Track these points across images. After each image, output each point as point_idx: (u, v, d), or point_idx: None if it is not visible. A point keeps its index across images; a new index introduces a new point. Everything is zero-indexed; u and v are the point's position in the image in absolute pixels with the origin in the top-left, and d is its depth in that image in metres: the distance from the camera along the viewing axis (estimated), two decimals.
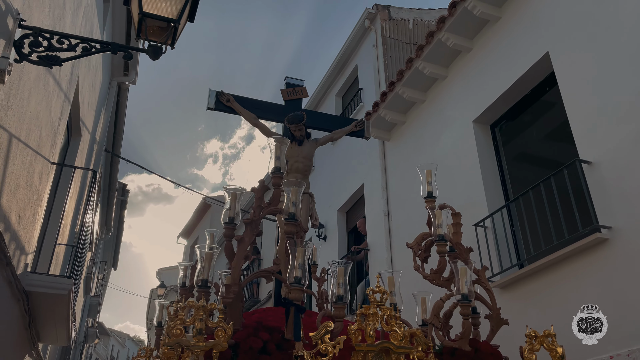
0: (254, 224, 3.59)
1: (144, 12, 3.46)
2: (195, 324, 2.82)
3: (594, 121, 4.86)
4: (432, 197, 4.03)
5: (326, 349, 2.80)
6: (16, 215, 3.85)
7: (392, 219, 8.28)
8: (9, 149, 3.38)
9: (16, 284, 4.02)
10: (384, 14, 10.15)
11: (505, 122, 6.57)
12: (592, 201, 4.67)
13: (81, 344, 14.91)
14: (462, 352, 3.48)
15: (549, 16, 5.65)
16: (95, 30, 6.81)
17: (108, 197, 13.91)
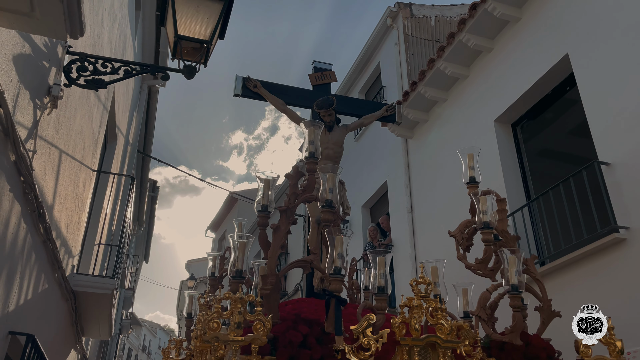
0: (290, 212, 3.41)
1: (179, 35, 3.72)
2: (232, 317, 2.67)
3: (613, 123, 4.95)
4: (475, 182, 3.79)
5: (369, 343, 2.65)
6: (65, 222, 4.19)
7: (415, 216, 8.45)
8: (59, 164, 3.70)
9: (65, 285, 4.38)
10: (406, 11, 10.24)
11: (526, 121, 6.67)
12: (611, 202, 4.79)
13: (117, 335, 15.54)
14: (512, 346, 3.28)
15: (569, 18, 5.73)
16: (128, 40, 7.14)
17: (140, 194, 14.41)
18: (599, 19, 5.33)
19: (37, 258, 3.37)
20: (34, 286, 3.40)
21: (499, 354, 3.23)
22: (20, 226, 2.88)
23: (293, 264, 3.49)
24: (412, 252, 8.26)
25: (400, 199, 8.98)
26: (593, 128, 5.17)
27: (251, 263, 3.71)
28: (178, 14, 3.75)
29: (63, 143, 3.75)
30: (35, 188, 2.94)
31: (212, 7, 3.83)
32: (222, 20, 3.90)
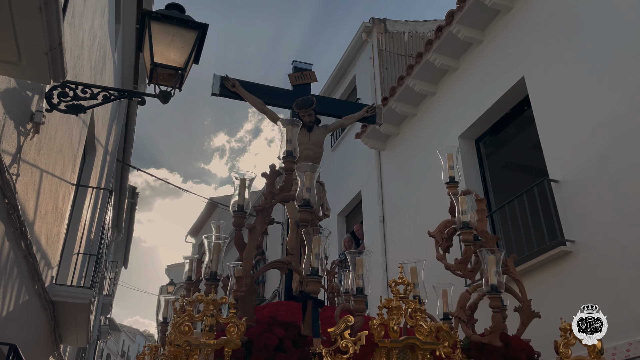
0: (266, 212, 3.33)
1: (155, 62, 3.98)
2: (204, 320, 2.60)
3: (562, 143, 5.34)
4: (455, 182, 3.76)
5: (346, 346, 2.60)
6: (45, 236, 4.41)
7: (386, 225, 8.79)
8: (40, 183, 3.93)
9: (45, 295, 4.59)
10: (380, 27, 10.61)
11: (489, 137, 7.05)
12: (559, 216, 5.16)
13: (95, 341, 15.58)
14: (492, 348, 3.24)
15: (526, 42, 6.12)
16: (107, 54, 7.35)
17: (119, 201, 14.52)
18: (553, 45, 5.72)
19: (18, 272, 3.60)
20: (15, 298, 3.62)
21: (478, 355, 3.19)
22: (3, 244, 3.11)
23: (270, 264, 3.42)
24: (383, 260, 8.60)
25: (373, 208, 9.32)
26: (545, 147, 5.55)
27: (227, 265, 3.57)
28: (154, 42, 4.02)
29: (44, 163, 3.98)
30: (18, 208, 3.18)
31: (186, 36, 4.10)
32: (196, 48, 4.18)
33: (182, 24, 4.07)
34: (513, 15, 6.39)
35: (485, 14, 6.57)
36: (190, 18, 4.13)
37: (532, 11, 6.09)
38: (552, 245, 5.08)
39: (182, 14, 4.20)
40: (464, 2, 6.56)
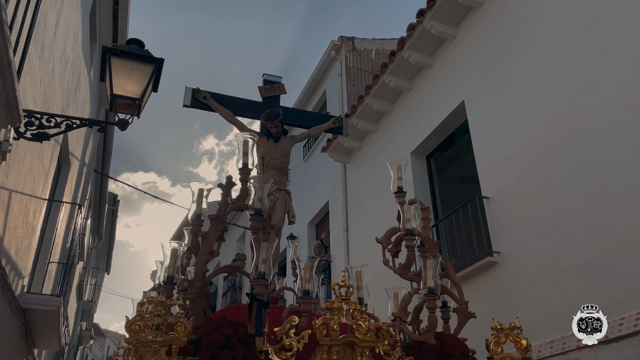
0: (220, 220, 3.54)
1: (114, 94, 4.45)
2: (152, 320, 2.81)
3: (492, 163, 5.88)
4: (402, 192, 4.04)
5: (290, 344, 2.79)
6: (15, 249, 4.84)
7: (350, 234, 9.28)
8: (9, 202, 4.36)
9: (15, 303, 5.01)
10: (349, 45, 11.14)
11: (438, 154, 7.58)
12: (488, 230, 5.69)
13: (75, 346, 15.87)
14: (429, 346, 3.49)
15: (466, 68, 6.65)
16: (82, 73, 7.78)
17: (99, 208, 14.88)
18: (489, 73, 6.26)
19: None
20: None
21: (417, 352, 3.45)
22: None
23: (221, 269, 3.66)
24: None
25: (338, 218, 9.81)
26: (478, 166, 6.09)
27: (187, 270, 3.78)
28: (114, 75, 4.49)
29: (12, 184, 4.41)
30: None
31: (144, 69, 4.57)
32: (153, 79, 4.65)
33: (140, 58, 4.53)
34: (457, 43, 6.93)
35: (432, 40, 7.11)
36: (148, 53, 4.60)
37: (474, 40, 6.63)
38: (481, 255, 5.60)
39: (142, 48, 4.67)
40: (413, 30, 7.09)
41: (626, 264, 4.10)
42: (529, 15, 5.71)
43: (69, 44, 6.44)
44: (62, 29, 5.82)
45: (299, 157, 12.55)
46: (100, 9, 8.55)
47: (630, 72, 4.38)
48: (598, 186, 4.47)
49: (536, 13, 5.60)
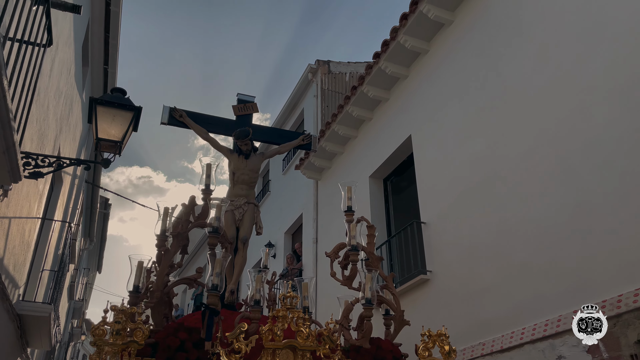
0: (180, 237, 3.90)
1: (99, 137, 5.29)
2: (113, 326, 3.16)
3: (430, 192, 6.76)
4: (351, 210, 4.35)
5: (240, 347, 3.09)
6: (12, 265, 5.68)
7: (319, 246, 10.15)
8: (9, 228, 5.20)
9: (12, 310, 5.86)
10: (324, 68, 12.00)
11: (394, 177, 8.45)
12: (423, 251, 6.57)
13: (66, 343, 16.70)
14: (366, 350, 3.79)
15: (414, 106, 7.53)
16: (75, 99, 8.60)
17: (91, 213, 15.69)
18: (430, 114, 7.12)
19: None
20: None
21: (355, 356, 3.73)
22: None
23: (180, 280, 4.03)
24: (315, 276, 9.94)
25: (309, 230, 10.67)
26: (419, 194, 6.97)
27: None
28: (99, 121, 5.32)
29: (12, 212, 5.25)
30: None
31: (125, 115, 5.40)
32: (132, 123, 5.48)
33: (121, 107, 5.35)
34: (407, 83, 7.81)
35: (387, 78, 7.97)
36: (129, 102, 5.43)
37: (420, 82, 7.50)
38: (416, 273, 6.49)
39: (124, 96, 5.51)
40: (371, 69, 7.96)
41: (517, 289, 4.99)
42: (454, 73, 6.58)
43: (63, 79, 7.26)
44: (57, 69, 6.64)
45: (278, 170, 13.41)
46: (92, 38, 9.37)
47: (531, 126, 5.27)
48: (502, 221, 5.36)
49: (459, 73, 6.49)
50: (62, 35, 6.61)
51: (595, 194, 4.44)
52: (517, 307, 4.97)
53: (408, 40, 7.26)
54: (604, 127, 4.49)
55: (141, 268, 3.89)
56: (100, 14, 9.11)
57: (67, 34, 7.05)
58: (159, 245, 3.93)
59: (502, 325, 5.04)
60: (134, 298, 3.77)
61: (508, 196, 5.36)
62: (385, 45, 7.59)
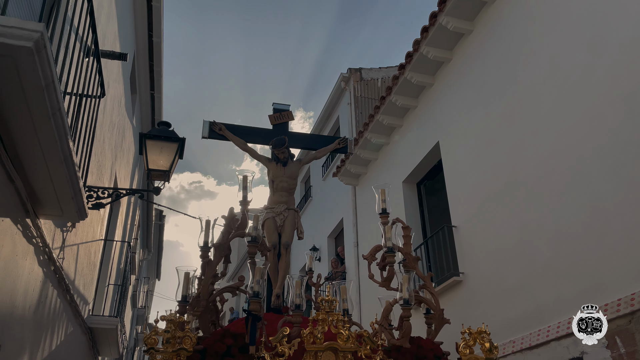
0: (222, 248, 4.08)
1: (150, 168, 5.92)
2: (163, 335, 3.36)
3: (458, 196, 7.04)
4: (386, 213, 4.40)
5: (283, 350, 3.23)
6: (82, 285, 6.41)
7: (359, 249, 10.56)
8: (78, 253, 5.91)
9: (84, 325, 6.60)
10: (356, 76, 12.38)
11: (427, 181, 8.76)
12: (456, 254, 6.87)
13: (132, 348, 17.85)
14: (407, 349, 3.86)
15: (441, 113, 7.81)
16: (126, 125, 9.36)
17: (147, 225, 16.72)
18: (457, 120, 7.40)
19: (65, 315, 5.58)
20: (65, 331, 5.60)
21: (397, 355, 3.82)
22: (57, 301, 5.08)
23: (224, 288, 4.19)
24: (357, 279, 10.37)
25: (350, 234, 11.10)
26: (449, 199, 7.27)
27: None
28: (149, 153, 5.95)
29: (79, 239, 5.95)
30: (63, 277, 5.14)
31: (171, 146, 6.00)
32: (178, 153, 6.08)
33: (167, 139, 5.97)
34: (433, 90, 8.10)
35: (413, 88, 8.29)
36: (174, 134, 6.03)
37: (447, 89, 7.78)
38: (449, 275, 6.80)
39: (168, 129, 6.12)
40: (397, 79, 8.30)
41: (541, 288, 5.25)
42: (476, 81, 6.83)
43: (115, 112, 8.00)
44: (109, 105, 7.36)
45: (319, 177, 13.90)
46: (138, 68, 10.15)
47: (547, 133, 5.51)
48: (525, 223, 5.62)
49: (480, 81, 6.74)
50: (112, 74, 7.32)
51: (608, 197, 4.66)
52: (542, 305, 5.24)
53: (430, 51, 7.56)
54: (613, 132, 4.70)
55: (188, 279, 4.10)
56: (144, 45, 9.87)
57: (117, 72, 7.77)
58: (203, 256, 4.08)
59: (530, 323, 5.32)
60: (182, 307, 3.99)
61: (529, 200, 5.62)
62: (409, 56, 7.92)
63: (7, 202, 3.35)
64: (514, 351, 5.58)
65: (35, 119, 2.93)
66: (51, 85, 2.75)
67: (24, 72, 2.60)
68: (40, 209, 3.96)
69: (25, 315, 4.04)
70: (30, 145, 3.16)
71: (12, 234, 3.52)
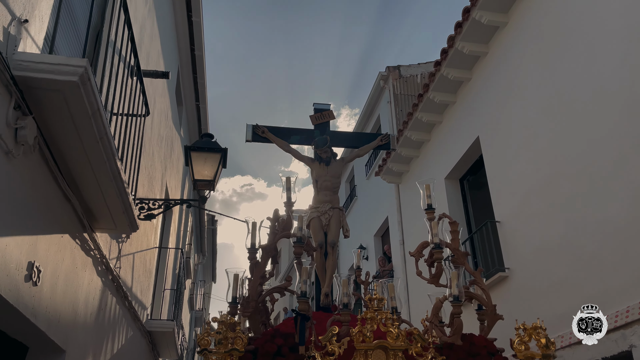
0: (269, 249, 4.16)
1: (195, 179, 6.21)
2: (215, 336, 3.44)
3: (501, 191, 6.98)
4: (432, 209, 4.36)
5: (333, 349, 3.25)
6: (140, 291, 6.80)
7: (406, 247, 10.58)
8: (134, 262, 6.28)
9: (143, 328, 7.00)
10: (395, 73, 12.37)
11: (470, 177, 8.69)
12: (500, 249, 6.81)
13: (192, 350, 18.53)
14: (459, 346, 3.80)
15: (480, 108, 7.74)
16: (174, 135, 9.79)
17: (200, 231, 17.30)
18: (496, 114, 7.32)
19: (125, 320, 5.96)
20: (125, 335, 5.98)
21: (449, 353, 3.78)
22: (116, 307, 5.44)
23: (273, 289, 4.30)
24: (404, 277, 10.39)
25: (395, 233, 11.13)
26: (492, 194, 7.20)
27: None
28: (194, 164, 6.25)
29: (135, 248, 6.33)
30: (121, 285, 5.50)
31: (214, 157, 6.28)
32: (221, 162, 6.35)
33: (211, 150, 6.25)
34: (471, 84, 8.03)
35: (450, 83, 8.26)
36: (216, 145, 6.29)
37: (483, 84, 7.71)
38: (494, 271, 6.75)
39: (211, 140, 6.40)
40: (434, 76, 8.29)
41: (587, 282, 5.16)
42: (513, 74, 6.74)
43: (162, 125, 8.40)
44: (157, 119, 7.75)
45: (362, 176, 13.98)
46: (183, 81, 10.57)
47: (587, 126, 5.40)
48: (569, 217, 5.52)
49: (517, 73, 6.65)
50: (157, 90, 7.70)
51: None
52: (589, 299, 5.12)
53: (465, 46, 7.51)
54: None
55: (237, 280, 4.16)
56: (187, 59, 10.28)
57: (162, 87, 8.16)
58: (251, 257, 4.17)
59: None
60: (233, 308, 4.05)
61: (572, 193, 5.52)
62: (444, 53, 7.89)
63: (65, 220, 3.67)
64: (563, 346, 5.50)
65: (85, 143, 3.21)
66: (97, 113, 3.02)
67: (72, 103, 2.87)
68: (96, 223, 4.28)
69: (87, 322, 4.39)
70: (83, 167, 3.46)
71: (72, 248, 3.85)
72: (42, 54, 2.99)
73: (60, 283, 3.61)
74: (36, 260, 3.12)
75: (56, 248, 3.50)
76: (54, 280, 3.48)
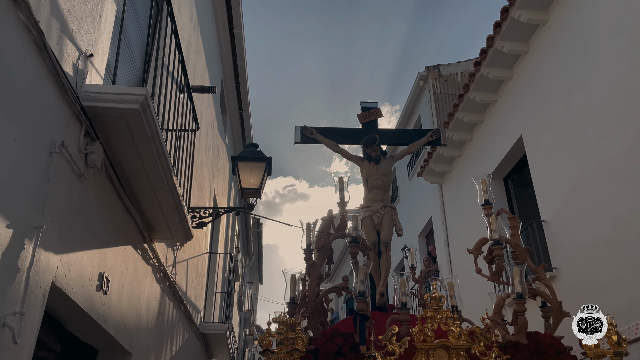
0: (324, 249, 4.22)
1: (242, 187, 6.48)
2: (276, 337, 3.50)
3: (546, 190, 6.92)
4: (489, 204, 4.24)
5: (393, 349, 3.21)
6: (193, 295, 7.14)
7: (450, 247, 10.57)
8: (187, 268, 6.61)
9: (198, 331, 7.33)
10: (434, 73, 12.35)
11: (515, 175, 8.62)
12: (547, 248, 6.76)
13: (242, 350, 19.01)
14: (524, 345, 3.69)
15: (524, 107, 7.69)
16: (220, 144, 10.14)
17: (246, 234, 17.73)
18: (540, 113, 7.26)
19: (181, 324, 6.28)
20: (182, 338, 6.31)
21: (513, 351, 3.69)
22: (173, 312, 5.77)
23: (330, 289, 4.41)
24: (450, 277, 10.37)
25: (440, 233, 11.12)
26: (537, 193, 7.15)
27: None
28: (241, 173, 6.51)
29: (187, 255, 6.66)
30: (177, 289, 5.81)
31: (259, 166, 6.53)
32: (266, 171, 6.59)
33: (256, 159, 6.50)
34: (513, 83, 7.98)
35: (491, 83, 8.23)
36: (261, 154, 6.54)
37: (527, 82, 7.65)
38: None
39: (256, 150, 6.65)
40: (474, 76, 8.28)
41: (636, 282, 5.10)
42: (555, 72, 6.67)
43: (209, 135, 8.75)
44: (204, 130, 8.08)
45: (404, 176, 14.00)
46: (227, 91, 10.93)
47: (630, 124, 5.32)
48: (616, 216, 5.46)
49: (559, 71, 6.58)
50: (204, 102, 8.03)
51: None
52: (637, 299, 5.09)
53: (505, 45, 7.49)
54: None
55: (294, 281, 4.20)
56: (230, 70, 10.62)
57: (208, 99, 8.50)
58: (307, 258, 4.20)
59: (625, 317, 5.18)
60: (291, 309, 4.08)
61: (618, 192, 5.45)
62: (483, 52, 7.89)
63: (128, 232, 3.97)
64: None
65: (145, 162, 3.49)
66: (155, 135, 3.28)
67: (133, 127, 3.13)
68: (154, 234, 4.59)
69: (149, 326, 4.70)
70: (143, 184, 3.74)
71: (134, 258, 4.15)
72: (106, 84, 3.28)
73: (125, 291, 3.91)
74: (105, 271, 3.42)
75: (121, 259, 3.80)
76: (120, 289, 3.78)
